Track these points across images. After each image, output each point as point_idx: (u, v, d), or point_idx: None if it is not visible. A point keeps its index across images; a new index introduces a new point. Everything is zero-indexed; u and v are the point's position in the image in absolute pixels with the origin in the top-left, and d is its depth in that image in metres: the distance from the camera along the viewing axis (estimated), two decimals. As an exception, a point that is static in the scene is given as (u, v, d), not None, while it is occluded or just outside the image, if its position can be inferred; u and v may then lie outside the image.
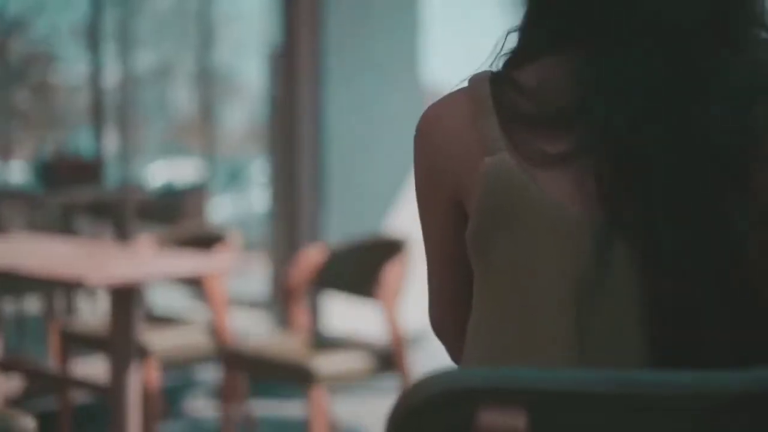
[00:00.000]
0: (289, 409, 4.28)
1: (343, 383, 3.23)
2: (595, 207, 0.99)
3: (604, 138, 1.00)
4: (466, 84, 1.10)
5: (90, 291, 5.98)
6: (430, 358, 5.31)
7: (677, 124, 0.99)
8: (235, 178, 17.59)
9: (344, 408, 4.30)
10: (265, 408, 4.28)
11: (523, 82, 1.06)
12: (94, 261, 3.05)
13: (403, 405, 0.73)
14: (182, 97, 19.74)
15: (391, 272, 3.41)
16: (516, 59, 1.09)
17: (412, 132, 1.15)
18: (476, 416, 0.73)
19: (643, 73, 1.01)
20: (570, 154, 1.01)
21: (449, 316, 1.20)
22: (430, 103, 1.13)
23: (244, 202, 16.35)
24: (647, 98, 1.00)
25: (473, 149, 1.05)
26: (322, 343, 3.44)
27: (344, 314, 5.63)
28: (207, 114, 16.44)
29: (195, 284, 3.78)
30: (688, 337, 0.95)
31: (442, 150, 1.09)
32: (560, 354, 0.99)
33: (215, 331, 3.64)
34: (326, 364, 3.18)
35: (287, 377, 3.23)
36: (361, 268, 3.47)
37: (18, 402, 4.05)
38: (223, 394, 3.48)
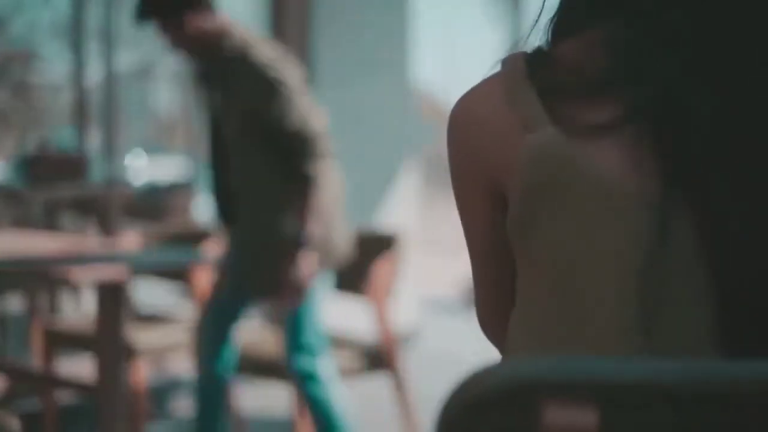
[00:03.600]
0: (279, 407, 4.23)
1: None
2: (651, 177, 0.93)
3: (657, 99, 0.94)
4: (497, 69, 1.04)
5: (74, 289, 5.90)
6: (422, 356, 5.26)
7: (733, 86, 0.94)
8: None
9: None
10: (254, 406, 4.22)
11: (560, 55, 1.01)
12: (80, 257, 2.98)
13: (457, 400, 0.64)
14: (165, 96, 19.66)
15: (381, 269, 3.35)
16: (549, 37, 1.05)
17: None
18: (540, 413, 0.64)
19: (689, 35, 0.96)
20: (618, 120, 0.95)
21: (499, 313, 1.12)
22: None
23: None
24: (696, 61, 0.95)
25: (512, 130, 0.99)
26: (313, 341, 3.38)
27: (333, 312, 5.57)
28: (190, 112, 16.36)
29: (182, 281, 3.71)
30: (765, 318, 0.89)
31: (476, 137, 1.02)
32: (621, 340, 0.92)
33: (203, 330, 3.58)
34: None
35: (276, 375, 3.20)
36: (351, 264, 3.40)
37: (1, 403, 3.97)
38: (212, 393, 3.41)
